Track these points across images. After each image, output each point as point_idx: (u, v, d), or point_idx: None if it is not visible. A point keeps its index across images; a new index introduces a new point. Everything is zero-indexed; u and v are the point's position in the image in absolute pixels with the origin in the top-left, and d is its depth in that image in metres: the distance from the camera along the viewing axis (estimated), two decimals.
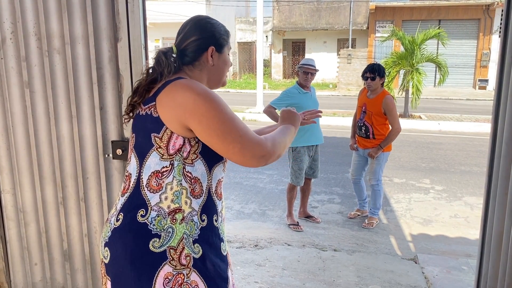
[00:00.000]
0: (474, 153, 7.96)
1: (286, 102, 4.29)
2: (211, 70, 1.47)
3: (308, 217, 4.62)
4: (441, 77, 12.00)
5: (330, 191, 5.65)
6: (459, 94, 17.94)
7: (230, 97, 16.24)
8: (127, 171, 1.42)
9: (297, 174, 4.32)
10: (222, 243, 1.43)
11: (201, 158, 1.36)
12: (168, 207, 1.32)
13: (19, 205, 2.36)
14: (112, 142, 2.17)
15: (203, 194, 1.37)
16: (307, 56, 22.19)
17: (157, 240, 1.30)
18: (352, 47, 21.12)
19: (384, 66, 6.35)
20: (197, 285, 1.33)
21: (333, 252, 3.74)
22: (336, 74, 20.93)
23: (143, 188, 1.34)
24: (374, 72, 4.21)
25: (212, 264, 1.37)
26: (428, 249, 3.96)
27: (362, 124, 4.39)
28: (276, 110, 4.30)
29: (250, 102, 14.36)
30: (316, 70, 4.34)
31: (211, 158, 1.37)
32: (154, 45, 22.53)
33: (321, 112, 1.80)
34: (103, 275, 1.41)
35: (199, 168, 1.36)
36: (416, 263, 3.54)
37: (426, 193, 5.66)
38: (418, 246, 4.03)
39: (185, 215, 1.33)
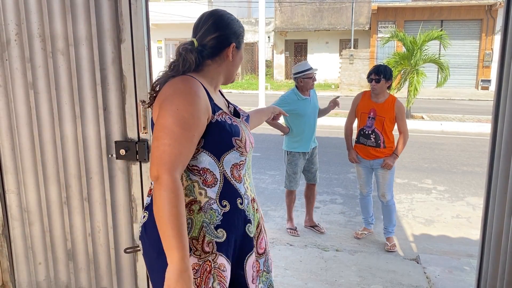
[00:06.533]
0: (476, 154, 7.95)
1: (284, 108, 4.20)
2: (229, 64, 1.52)
3: (313, 226, 4.43)
4: (442, 79, 11.97)
5: (332, 192, 5.66)
6: (462, 95, 17.90)
7: (232, 98, 16.03)
8: None
9: (290, 178, 4.21)
10: (248, 224, 1.47)
11: (205, 151, 1.39)
12: None
13: (24, 204, 2.38)
14: (116, 142, 2.19)
15: (218, 181, 1.40)
16: (309, 57, 22.17)
17: None
18: (354, 48, 21.11)
19: None
20: (224, 267, 1.39)
21: (335, 252, 3.75)
22: (338, 75, 20.91)
23: None
24: (379, 73, 3.76)
25: (235, 246, 1.43)
26: (430, 249, 3.97)
27: (371, 132, 3.86)
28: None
29: (252, 102, 14.35)
30: (316, 70, 4.14)
31: (219, 149, 1.40)
32: (157, 46, 22.57)
33: None
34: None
35: (204, 160, 1.39)
36: (418, 263, 3.55)
37: (428, 194, 5.66)
38: (420, 246, 4.04)
39: (202, 205, 1.38)
